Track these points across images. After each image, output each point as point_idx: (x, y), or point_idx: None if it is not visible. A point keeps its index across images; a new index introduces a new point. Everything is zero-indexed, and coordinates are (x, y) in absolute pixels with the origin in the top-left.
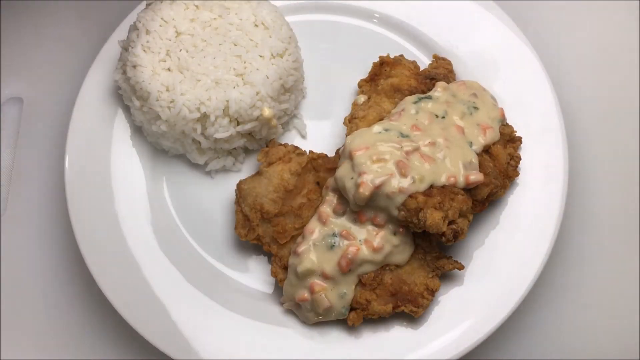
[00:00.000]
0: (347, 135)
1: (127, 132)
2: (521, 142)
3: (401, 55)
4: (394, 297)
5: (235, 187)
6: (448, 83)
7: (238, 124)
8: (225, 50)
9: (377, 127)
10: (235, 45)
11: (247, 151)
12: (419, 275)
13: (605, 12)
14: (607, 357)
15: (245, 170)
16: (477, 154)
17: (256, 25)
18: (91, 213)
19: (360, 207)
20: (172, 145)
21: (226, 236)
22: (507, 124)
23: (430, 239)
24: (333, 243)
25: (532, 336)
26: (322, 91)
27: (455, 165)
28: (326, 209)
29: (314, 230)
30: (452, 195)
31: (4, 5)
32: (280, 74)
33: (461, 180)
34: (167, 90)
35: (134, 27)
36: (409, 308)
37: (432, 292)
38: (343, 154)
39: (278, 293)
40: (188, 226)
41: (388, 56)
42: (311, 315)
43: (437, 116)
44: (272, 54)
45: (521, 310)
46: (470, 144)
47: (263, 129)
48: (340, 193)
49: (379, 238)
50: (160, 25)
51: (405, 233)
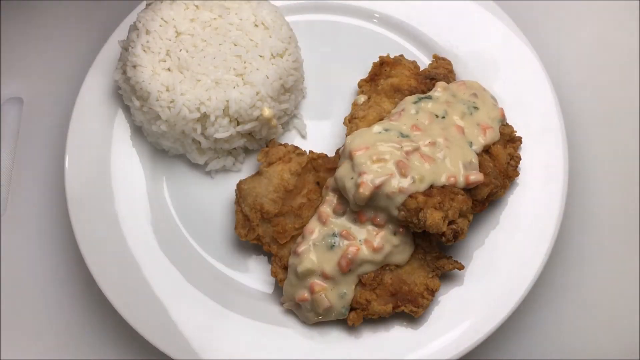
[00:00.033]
0: (347, 135)
1: (127, 132)
2: (521, 142)
3: (401, 55)
4: (394, 297)
5: (235, 187)
6: (448, 83)
7: (238, 124)
8: (225, 50)
9: (377, 127)
10: (235, 45)
11: (247, 151)
12: (419, 275)
13: (605, 12)
14: (607, 357)
15: (245, 170)
16: (477, 154)
17: (256, 25)
18: (91, 213)
19: (360, 207)
20: (172, 145)
21: (226, 236)
22: (507, 124)
23: (430, 239)
24: (333, 243)
25: (532, 336)
26: (322, 91)
27: (455, 165)
28: (326, 209)
29: (314, 230)
30: (452, 195)
31: (4, 5)
32: (280, 74)
33: (461, 180)
34: (167, 90)
35: (134, 27)
36: (409, 308)
37: (432, 292)
38: (343, 154)
39: (278, 293)
40: (188, 226)
41: (388, 56)
42: (311, 315)
43: (437, 116)
44: (272, 54)
45: (521, 310)
46: (470, 144)
47: (263, 129)
48: (340, 193)
49: (379, 238)
50: (160, 25)
51: (405, 233)
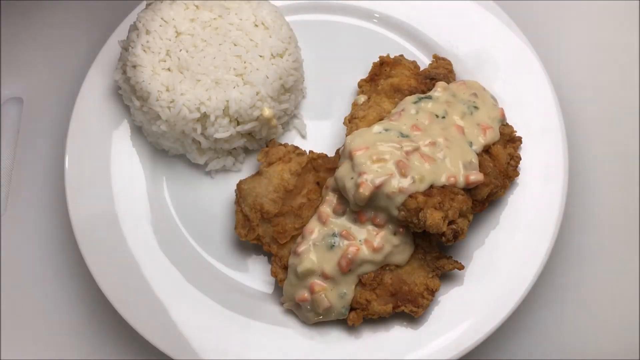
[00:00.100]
0: (347, 135)
1: (127, 132)
2: (521, 142)
3: (401, 55)
4: (394, 297)
5: (235, 187)
6: (448, 83)
7: (238, 124)
8: (225, 50)
9: (377, 127)
10: (235, 45)
11: (247, 151)
12: (419, 275)
13: (605, 12)
14: (607, 357)
15: (245, 170)
16: (477, 154)
17: (256, 25)
18: (91, 213)
19: (360, 207)
20: (172, 145)
21: (226, 236)
22: (507, 124)
23: (430, 239)
24: (333, 243)
25: (532, 336)
26: (322, 91)
27: (455, 165)
28: (326, 209)
29: (314, 230)
30: (452, 195)
31: (4, 5)
32: (280, 74)
33: (461, 180)
34: (167, 90)
35: (134, 27)
36: (409, 308)
37: (432, 292)
38: (343, 154)
39: (278, 293)
40: (188, 226)
41: (388, 56)
42: (311, 315)
43: (437, 116)
44: (272, 54)
45: (521, 310)
46: (470, 144)
47: (263, 129)
48: (340, 193)
49: (379, 238)
50: (160, 25)
51: (405, 233)
